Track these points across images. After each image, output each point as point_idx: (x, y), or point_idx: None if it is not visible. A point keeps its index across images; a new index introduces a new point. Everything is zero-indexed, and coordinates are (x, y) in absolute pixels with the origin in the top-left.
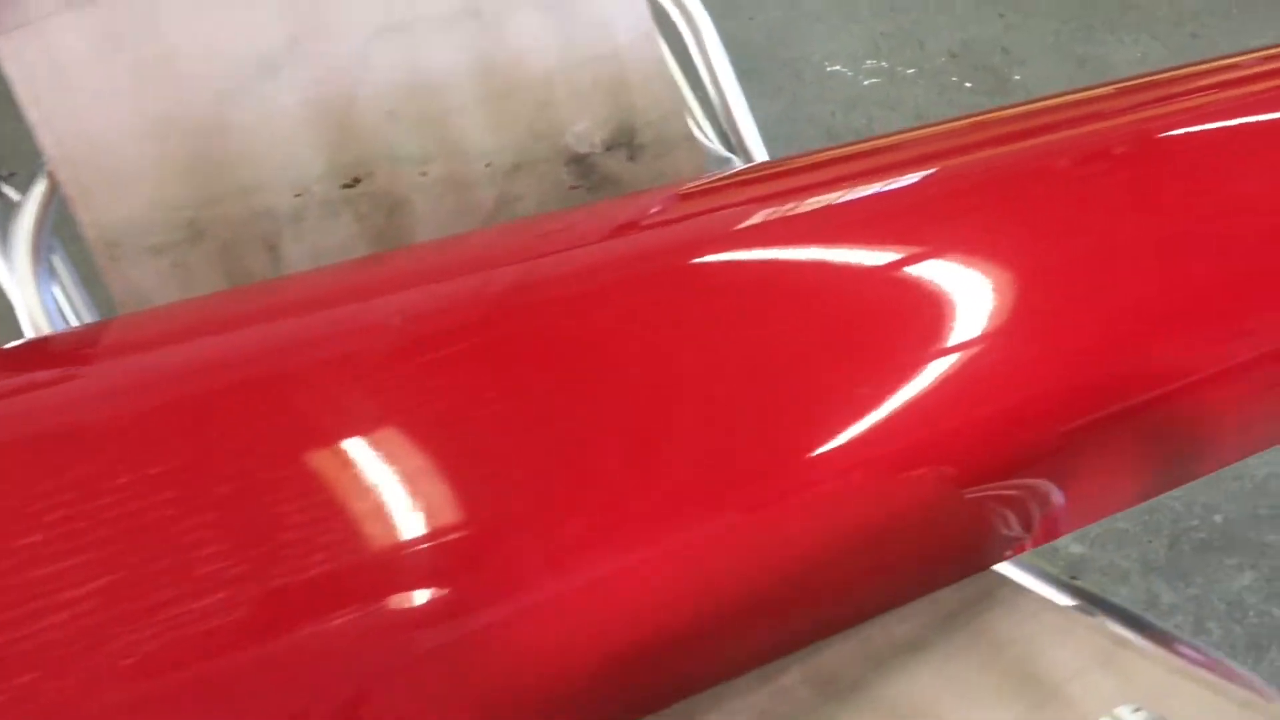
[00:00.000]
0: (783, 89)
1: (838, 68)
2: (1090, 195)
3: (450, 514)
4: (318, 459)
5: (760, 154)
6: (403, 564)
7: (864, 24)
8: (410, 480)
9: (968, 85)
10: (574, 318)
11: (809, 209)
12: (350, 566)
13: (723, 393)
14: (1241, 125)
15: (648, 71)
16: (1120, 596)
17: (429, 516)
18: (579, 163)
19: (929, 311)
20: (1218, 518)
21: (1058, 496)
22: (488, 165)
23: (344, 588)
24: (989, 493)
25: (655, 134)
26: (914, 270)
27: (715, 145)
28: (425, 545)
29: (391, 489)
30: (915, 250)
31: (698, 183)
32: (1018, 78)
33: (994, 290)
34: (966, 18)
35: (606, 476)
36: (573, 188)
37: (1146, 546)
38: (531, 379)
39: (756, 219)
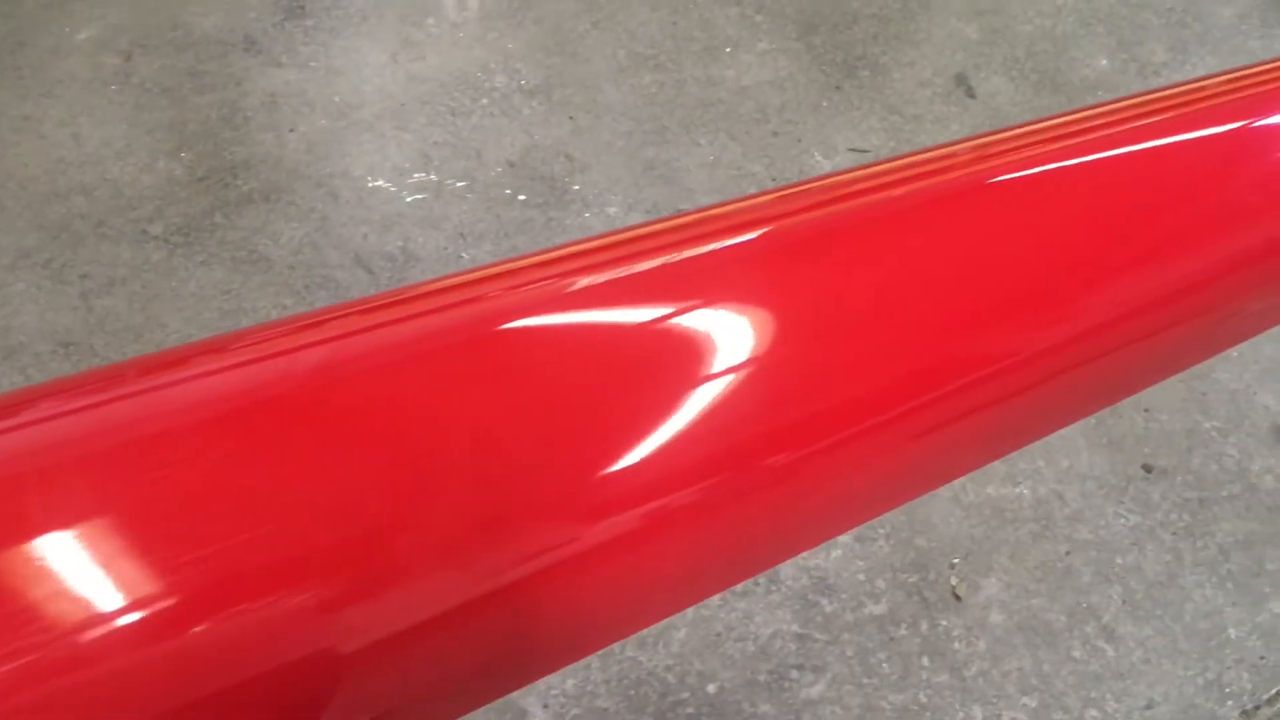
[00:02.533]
0: (314, 210)
1: (380, 183)
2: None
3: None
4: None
5: None
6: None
7: (417, 132)
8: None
9: (521, 198)
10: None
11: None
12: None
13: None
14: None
15: None
16: None
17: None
18: None
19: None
20: (711, 687)
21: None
22: None
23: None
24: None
25: None
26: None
27: None
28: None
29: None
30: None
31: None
32: (577, 187)
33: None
34: (533, 121)
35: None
36: None
37: None
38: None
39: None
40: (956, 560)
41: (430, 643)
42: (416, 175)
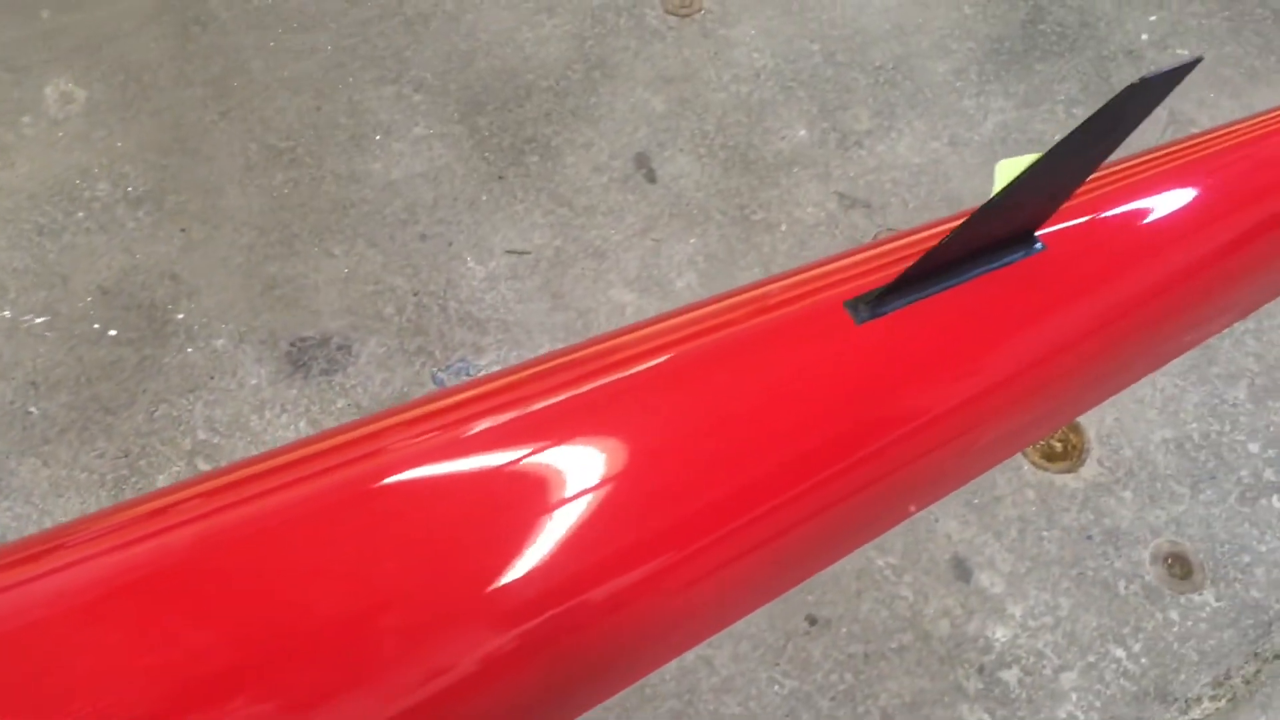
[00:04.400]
0: None
1: None
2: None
3: None
4: None
5: None
6: None
7: None
8: None
9: (111, 334)
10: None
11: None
12: None
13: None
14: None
15: None
16: None
17: None
18: None
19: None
20: None
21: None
22: None
23: None
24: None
25: None
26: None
27: None
28: None
29: None
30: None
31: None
32: (181, 316)
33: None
34: (137, 236)
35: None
36: None
37: None
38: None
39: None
40: None
41: None
42: None
